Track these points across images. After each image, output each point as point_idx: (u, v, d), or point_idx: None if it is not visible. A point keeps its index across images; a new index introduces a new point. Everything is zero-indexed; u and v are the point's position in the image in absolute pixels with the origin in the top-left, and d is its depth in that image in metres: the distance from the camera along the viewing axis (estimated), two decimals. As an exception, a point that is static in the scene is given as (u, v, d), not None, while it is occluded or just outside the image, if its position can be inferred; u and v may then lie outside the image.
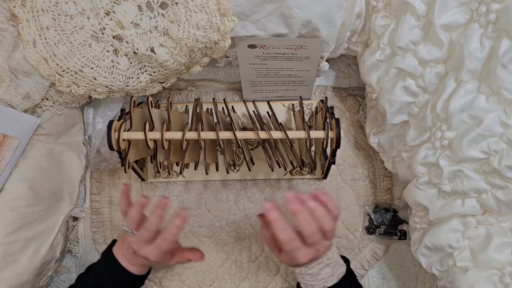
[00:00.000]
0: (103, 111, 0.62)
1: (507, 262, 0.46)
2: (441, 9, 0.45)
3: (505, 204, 0.45)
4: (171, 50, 0.49)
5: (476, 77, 0.45)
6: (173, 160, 0.57)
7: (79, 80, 0.51)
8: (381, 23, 0.52)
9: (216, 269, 0.67)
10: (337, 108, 0.69)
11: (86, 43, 0.48)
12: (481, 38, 0.43)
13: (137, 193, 0.69)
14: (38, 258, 0.58)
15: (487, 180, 0.46)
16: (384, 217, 0.66)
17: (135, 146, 0.55)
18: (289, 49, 0.55)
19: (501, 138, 0.44)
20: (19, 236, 0.55)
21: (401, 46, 0.49)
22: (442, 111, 0.47)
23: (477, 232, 0.49)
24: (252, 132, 0.52)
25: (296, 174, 0.68)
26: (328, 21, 0.51)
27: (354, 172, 0.68)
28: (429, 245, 0.53)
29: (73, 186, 0.66)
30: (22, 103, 0.52)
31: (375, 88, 0.56)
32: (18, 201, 0.55)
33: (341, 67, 0.69)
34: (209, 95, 0.69)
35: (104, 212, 0.69)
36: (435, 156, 0.49)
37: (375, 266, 0.68)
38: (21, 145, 0.54)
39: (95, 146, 0.64)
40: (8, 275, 0.53)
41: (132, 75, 0.52)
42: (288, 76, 0.62)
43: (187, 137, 0.52)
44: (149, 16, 0.47)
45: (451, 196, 0.50)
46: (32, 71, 0.51)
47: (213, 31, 0.48)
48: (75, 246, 0.68)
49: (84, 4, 0.46)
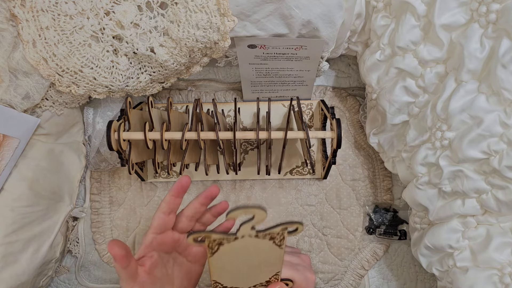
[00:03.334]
0: (103, 111, 0.62)
1: (507, 262, 0.46)
2: (441, 9, 0.45)
3: (505, 204, 0.45)
4: (171, 50, 0.49)
5: (476, 77, 0.45)
6: (173, 160, 0.57)
7: (79, 80, 0.51)
8: (381, 23, 0.52)
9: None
10: (337, 108, 0.69)
11: (86, 43, 0.48)
12: (481, 38, 0.43)
13: (136, 193, 0.69)
14: (38, 258, 0.58)
15: (487, 180, 0.46)
16: (384, 217, 0.66)
17: (135, 146, 0.55)
18: (289, 49, 0.55)
19: (501, 138, 0.44)
20: (19, 236, 0.55)
21: (401, 46, 0.49)
22: (442, 111, 0.47)
23: (477, 232, 0.49)
24: (252, 132, 0.52)
25: (296, 174, 0.68)
26: (328, 21, 0.51)
27: (354, 172, 0.68)
28: (429, 245, 0.53)
29: (73, 186, 0.66)
30: (21, 103, 0.52)
31: (375, 88, 0.55)
32: (18, 201, 0.55)
33: (341, 67, 0.69)
34: (209, 95, 0.69)
35: (104, 212, 0.69)
36: (435, 156, 0.49)
37: (375, 266, 0.68)
38: (21, 145, 0.54)
39: (95, 146, 0.64)
40: (8, 275, 0.53)
41: (132, 75, 0.52)
42: (288, 76, 0.62)
43: (187, 137, 0.52)
44: (149, 16, 0.47)
45: (451, 196, 0.50)
46: (31, 71, 0.51)
47: (213, 31, 0.48)
48: (75, 246, 0.68)
49: (83, 4, 0.46)
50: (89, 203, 0.69)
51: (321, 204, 0.68)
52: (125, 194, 0.69)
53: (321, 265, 0.68)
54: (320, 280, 0.68)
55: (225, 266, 0.39)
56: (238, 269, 0.40)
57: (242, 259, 0.39)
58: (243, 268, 0.40)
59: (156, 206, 0.69)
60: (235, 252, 0.38)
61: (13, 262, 0.54)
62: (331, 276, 0.68)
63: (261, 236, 0.37)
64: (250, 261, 0.39)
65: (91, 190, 0.69)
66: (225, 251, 0.37)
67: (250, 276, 0.42)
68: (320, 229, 0.68)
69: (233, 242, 0.36)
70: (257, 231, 0.36)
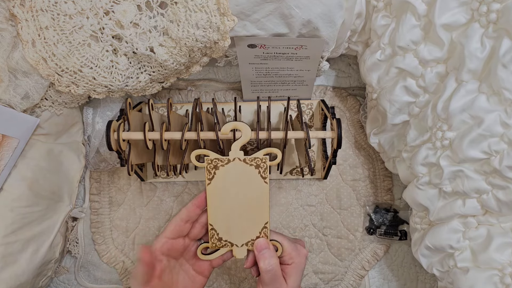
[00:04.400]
0: (103, 111, 0.62)
1: (508, 263, 0.46)
2: (441, 8, 0.45)
3: (506, 205, 0.45)
4: (170, 49, 0.49)
5: (476, 77, 0.45)
6: (173, 161, 0.57)
7: (78, 80, 0.51)
8: (381, 22, 0.52)
9: (216, 270, 0.67)
10: (337, 108, 0.69)
11: (85, 43, 0.48)
12: (481, 38, 0.43)
13: (136, 193, 0.69)
14: (38, 258, 0.58)
15: (488, 181, 0.46)
16: (385, 218, 0.66)
17: (135, 146, 0.55)
18: (289, 48, 0.55)
19: (501, 138, 0.44)
20: (18, 236, 0.55)
21: (401, 46, 0.49)
22: (442, 111, 0.47)
23: (478, 233, 0.49)
24: (252, 132, 0.52)
25: (296, 174, 0.68)
26: (328, 21, 0.50)
27: (355, 172, 0.68)
28: (430, 246, 0.53)
29: (72, 186, 0.66)
30: (21, 103, 0.52)
31: (376, 88, 0.55)
32: (17, 201, 0.55)
33: (341, 67, 0.69)
34: (209, 94, 0.69)
35: (103, 213, 0.68)
36: (435, 156, 0.49)
37: (376, 266, 0.68)
38: (20, 145, 0.54)
39: (94, 146, 0.64)
40: (8, 276, 0.53)
41: (132, 75, 0.52)
42: (288, 76, 0.62)
43: (187, 137, 0.52)
44: (148, 16, 0.47)
45: (451, 196, 0.50)
46: (31, 71, 0.50)
47: (213, 30, 0.47)
48: (74, 247, 0.68)
49: (83, 4, 0.46)
50: (89, 203, 0.69)
51: (321, 204, 0.68)
52: (125, 194, 0.69)
53: (321, 265, 0.68)
54: (320, 281, 0.68)
55: (220, 201, 0.45)
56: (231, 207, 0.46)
57: (234, 192, 0.45)
58: (236, 208, 0.46)
59: (155, 206, 0.69)
60: (228, 180, 0.44)
61: (13, 262, 0.54)
62: (331, 276, 0.68)
63: (249, 161, 0.44)
64: (241, 196, 0.45)
65: (90, 190, 0.69)
66: (219, 178, 0.44)
67: (243, 226, 0.47)
68: (320, 230, 0.68)
69: (226, 165, 0.44)
70: (245, 156, 0.44)
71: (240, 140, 0.43)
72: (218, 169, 0.44)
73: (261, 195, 0.45)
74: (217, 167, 0.44)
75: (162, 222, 0.69)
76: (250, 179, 0.44)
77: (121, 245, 0.69)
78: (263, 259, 0.44)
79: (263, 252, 0.45)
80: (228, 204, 0.45)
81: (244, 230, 0.46)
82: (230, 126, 0.44)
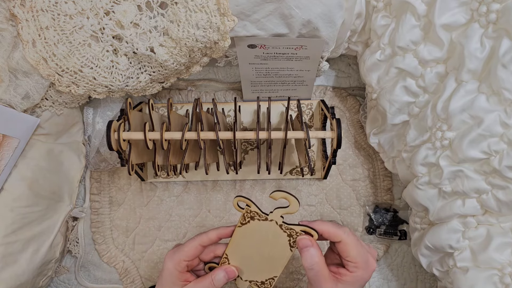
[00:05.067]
0: (103, 111, 0.62)
1: (508, 263, 0.46)
2: (441, 9, 0.45)
3: (506, 204, 0.45)
4: (170, 50, 0.49)
5: (476, 77, 0.45)
6: (173, 161, 0.57)
7: (79, 80, 0.51)
8: (381, 23, 0.52)
9: None
10: (337, 108, 0.69)
11: (86, 43, 0.48)
12: (481, 38, 0.43)
13: (136, 193, 0.69)
14: (38, 258, 0.58)
15: (488, 180, 0.46)
16: (385, 217, 0.66)
17: (135, 146, 0.55)
18: (289, 49, 0.55)
19: (501, 138, 0.44)
20: (19, 236, 0.55)
21: (401, 46, 0.49)
22: (442, 111, 0.47)
23: (478, 233, 0.49)
24: (252, 132, 0.52)
25: (296, 174, 0.68)
26: (328, 21, 0.51)
27: (354, 172, 0.68)
28: (430, 245, 0.53)
29: (72, 186, 0.66)
30: (21, 103, 0.52)
31: (375, 88, 0.55)
32: (18, 201, 0.55)
33: (341, 67, 0.69)
34: (209, 95, 0.69)
35: (104, 212, 0.69)
36: (435, 156, 0.49)
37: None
38: (20, 145, 0.54)
39: (94, 146, 0.64)
40: (8, 276, 0.53)
41: (132, 75, 0.52)
42: (288, 76, 0.62)
43: (187, 137, 0.52)
44: (148, 16, 0.47)
45: (451, 196, 0.50)
46: (31, 71, 0.51)
47: (213, 31, 0.48)
48: (74, 246, 0.68)
49: (83, 4, 0.46)
50: (89, 203, 0.69)
51: (321, 204, 0.68)
52: (125, 194, 0.69)
53: (321, 265, 0.68)
54: (320, 280, 0.68)
55: (243, 244, 0.46)
56: (250, 253, 0.46)
57: (259, 244, 0.45)
58: (254, 255, 0.46)
59: (156, 206, 0.69)
60: (258, 233, 0.45)
61: (13, 262, 0.54)
62: (331, 276, 0.68)
63: (284, 228, 0.44)
64: (263, 249, 0.46)
65: (91, 190, 0.69)
66: (251, 227, 0.45)
67: (254, 269, 0.47)
68: (320, 229, 0.68)
69: (262, 221, 0.44)
70: (283, 222, 0.44)
71: (285, 210, 0.43)
72: (253, 220, 0.44)
73: (282, 257, 0.46)
74: (253, 218, 0.44)
75: (162, 222, 0.69)
76: (279, 242, 0.45)
77: (121, 245, 0.69)
78: (305, 257, 0.43)
79: (307, 249, 0.44)
80: (249, 249, 0.46)
81: (253, 271, 0.48)
82: (280, 195, 0.43)
